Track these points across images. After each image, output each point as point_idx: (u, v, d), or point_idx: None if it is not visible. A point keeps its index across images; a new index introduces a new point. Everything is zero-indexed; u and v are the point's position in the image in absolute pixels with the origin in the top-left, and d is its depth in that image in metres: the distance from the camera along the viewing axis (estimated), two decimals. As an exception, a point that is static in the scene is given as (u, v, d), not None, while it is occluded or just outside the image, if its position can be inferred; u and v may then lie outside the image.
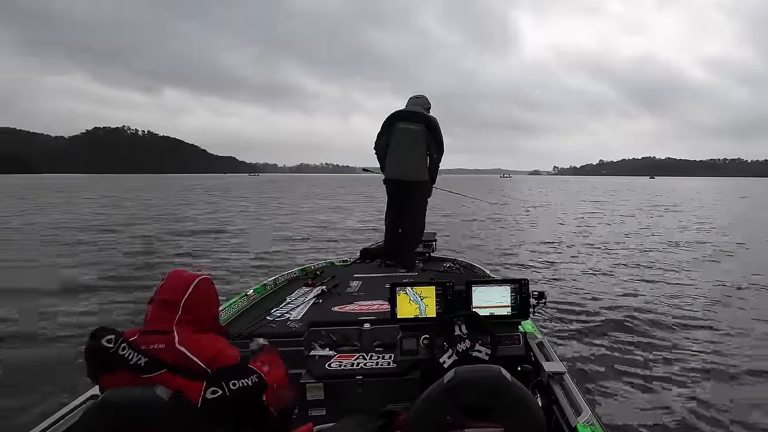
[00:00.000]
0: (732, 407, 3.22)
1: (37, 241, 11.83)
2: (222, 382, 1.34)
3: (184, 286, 1.45)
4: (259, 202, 28.02)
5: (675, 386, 3.56)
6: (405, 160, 4.33)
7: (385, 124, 4.43)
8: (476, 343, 1.85)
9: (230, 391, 1.35)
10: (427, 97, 4.61)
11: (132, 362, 1.29)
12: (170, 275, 1.50)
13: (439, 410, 1.29)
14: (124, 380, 1.28)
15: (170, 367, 1.32)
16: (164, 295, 1.44)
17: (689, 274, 7.64)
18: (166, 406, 1.22)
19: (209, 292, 1.51)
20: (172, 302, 1.42)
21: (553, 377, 1.82)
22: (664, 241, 11.53)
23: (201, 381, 1.33)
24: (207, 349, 1.39)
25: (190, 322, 1.41)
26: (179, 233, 13.19)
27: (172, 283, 1.47)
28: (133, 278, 7.56)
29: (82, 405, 1.59)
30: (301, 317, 2.73)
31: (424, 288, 2.11)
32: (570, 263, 8.77)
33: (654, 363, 3.97)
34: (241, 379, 1.38)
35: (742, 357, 4.08)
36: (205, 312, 1.48)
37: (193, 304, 1.43)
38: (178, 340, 1.36)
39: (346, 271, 4.15)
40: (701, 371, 3.80)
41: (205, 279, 1.51)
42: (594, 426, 1.49)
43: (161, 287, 1.46)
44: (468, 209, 19.12)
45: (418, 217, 4.47)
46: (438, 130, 4.39)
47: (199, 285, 1.47)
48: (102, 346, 1.28)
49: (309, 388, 2.22)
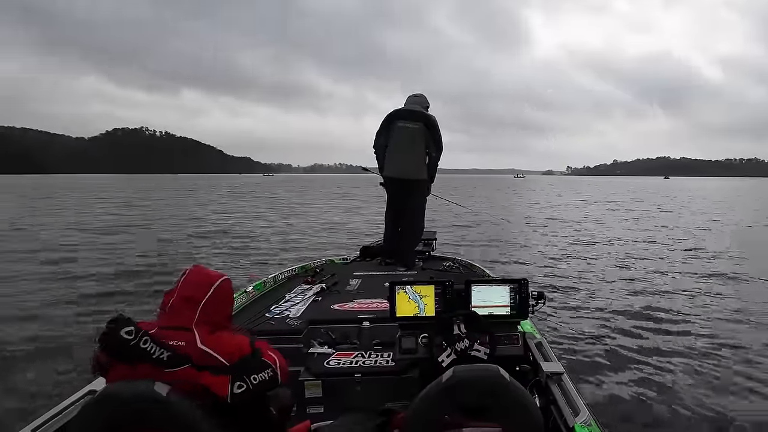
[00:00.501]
0: (732, 409, 3.23)
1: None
2: (244, 376, 1.37)
3: (207, 284, 1.43)
4: (302, 202, 28.67)
5: (673, 387, 3.56)
6: (404, 159, 4.33)
7: (384, 122, 4.43)
8: (475, 343, 1.85)
9: (253, 385, 1.37)
10: (426, 96, 4.59)
11: (155, 356, 1.28)
12: (193, 271, 1.48)
13: (437, 409, 1.29)
14: (144, 373, 1.28)
15: (195, 363, 1.32)
16: (186, 291, 1.41)
17: (695, 277, 7.63)
18: (164, 402, 1.22)
19: (228, 294, 1.50)
20: (194, 300, 1.40)
21: (551, 377, 1.82)
22: (672, 242, 11.51)
23: (226, 375, 1.34)
24: (227, 345, 1.40)
25: (207, 322, 1.40)
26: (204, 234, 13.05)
27: (195, 279, 1.45)
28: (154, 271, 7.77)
29: (79, 400, 1.59)
30: (300, 315, 2.73)
31: (423, 287, 2.11)
32: (573, 264, 8.78)
33: (652, 364, 3.97)
34: (260, 373, 1.41)
35: (742, 361, 4.08)
36: (223, 312, 1.47)
37: (213, 305, 1.42)
38: (200, 340, 1.36)
39: (345, 269, 4.15)
40: (701, 373, 3.81)
41: (226, 280, 1.49)
42: (591, 426, 1.49)
43: (184, 282, 1.44)
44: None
45: (418, 216, 4.47)
46: (437, 129, 4.39)
47: (221, 286, 1.46)
48: (121, 337, 1.26)
49: (307, 385, 2.22)
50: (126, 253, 9.75)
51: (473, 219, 14.93)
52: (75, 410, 1.52)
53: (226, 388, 1.32)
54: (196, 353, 1.34)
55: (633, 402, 3.34)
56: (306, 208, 23.03)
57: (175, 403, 1.23)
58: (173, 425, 1.23)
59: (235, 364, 1.37)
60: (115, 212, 20.17)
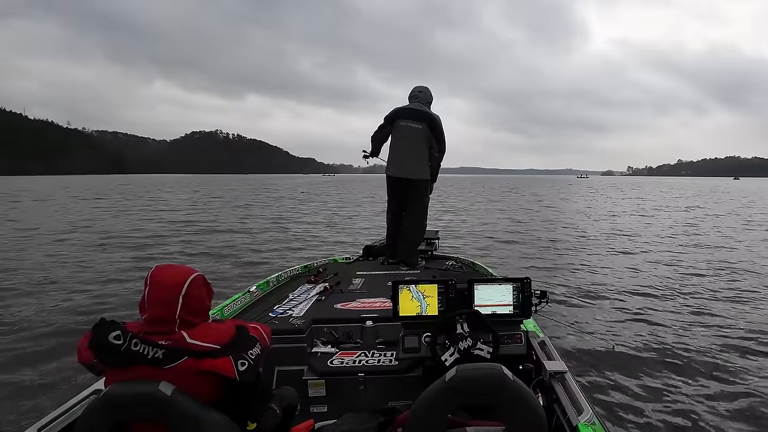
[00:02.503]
0: (736, 408, 3.22)
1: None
2: (242, 353, 1.39)
3: (176, 288, 1.36)
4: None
5: (677, 386, 3.55)
6: (406, 158, 4.33)
7: (387, 120, 4.42)
8: (478, 342, 1.85)
9: (252, 360, 1.40)
10: (430, 89, 4.54)
11: (150, 357, 1.27)
12: (157, 276, 1.38)
13: (440, 408, 1.29)
14: (143, 374, 1.28)
15: (193, 352, 1.32)
16: (156, 302, 1.35)
17: (704, 276, 7.59)
18: (169, 401, 1.23)
19: (202, 290, 1.43)
20: (169, 307, 1.35)
21: (554, 376, 1.82)
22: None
23: (226, 356, 1.36)
24: (214, 334, 1.40)
25: (189, 322, 1.38)
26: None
27: (162, 288, 1.37)
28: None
29: (85, 399, 1.60)
30: (303, 314, 2.74)
31: (426, 286, 2.11)
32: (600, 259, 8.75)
33: (656, 363, 3.96)
34: (253, 348, 1.44)
35: (747, 359, 4.07)
36: (200, 311, 1.43)
37: (188, 310, 1.37)
38: (188, 336, 1.35)
39: (348, 268, 4.16)
40: (705, 372, 3.79)
41: (196, 277, 1.42)
42: (595, 425, 1.48)
43: (152, 290, 1.36)
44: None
45: (420, 216, 4.47)
46: (440, 129, 4.37)
47: (191, 286, 1.39)
48: (111, 344, 1.25)
49: (311, 384, 2.23)
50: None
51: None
52: (80, 410, 1.53)
53: (231, 368, 1.34)
54: (188, 348, 1.33)
55: (637, 400, 3.33)
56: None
57: (180, 402, 1.24)
58: (178, 423, 1.24)
59: (227, 346, 1.38)
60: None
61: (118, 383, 1.28)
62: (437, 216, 17.25)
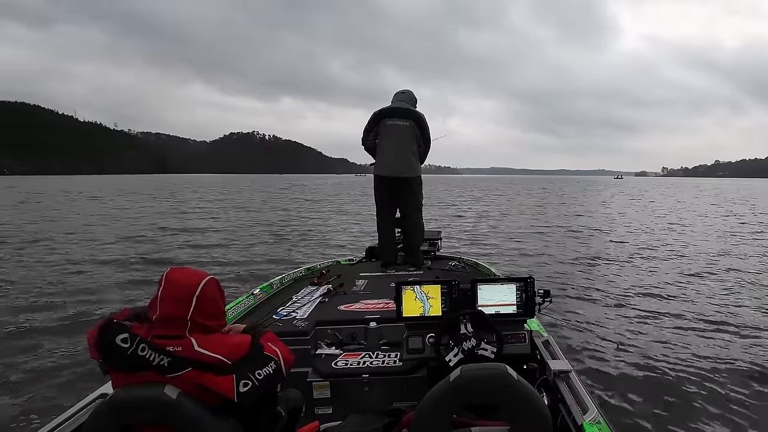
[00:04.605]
0: (744, 410, 3.20)
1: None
2: (248, 373, 1.35)
3: (190, 291, 1.36)
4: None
5: (682, 384, 3.54)
6: (397, 157, 4.29)
7: (372, 120, 4.37)
8: (482, 342, 1.85)
9: (258, 381, 1.35)
10: (413, 92, 4.52)
11: (155, 363, 1.27)
12: (172, 277, 1.38)
13: (445, 408, 1.30)
14: (147, 379, 1.27)
15: (197, 364, 1.30)
16: (170, 301, 1.35)
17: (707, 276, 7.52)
18: (174, 405, 1.24)
19: (215, 294, 1.43)
20: (181, 310, 1.35)
21: (559, 375, 1.82)
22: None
23: (229, 375, 1.32)
24: (225, 346, 1.37)
25: (200, 327, 1.37)
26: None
27: (175, 288, 1.37)
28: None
29: (91, 404, 1.61)
30: (307, 316, 2.74)
31: (429, 286, 2.11)
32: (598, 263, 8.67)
33: (661, 362, 3.95)
34: (264, 368, 1.39)
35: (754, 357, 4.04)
36: (214, 313, 1.43)
37: (202, 311, 1.37)
38: (197, 344, 1.34)
39: (351, 269, 4.16)
40: (709, 369, 3.77)
41: (210, 281, 1.42)
42: (600, 424, 1.48)
43: (165, 291, 1.36)
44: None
45: (416, 214, 4.44)
46: (426, 127, 4.37)
47: (204, 289, 1.39)
48: (118, 347, 1.24)
49: (315, 386, 2.23)
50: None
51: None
52: (86, 414, 1.54)
53: (231, 388, 1.31)
54: (195, 357, 1.32)
55: (642, 399, 3.32)
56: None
57: (185, 406, 1.25)
58: (184, 426, 1.25)
59: (238, 362, 1.35)
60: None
61: (123, 387, 1.28)
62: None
